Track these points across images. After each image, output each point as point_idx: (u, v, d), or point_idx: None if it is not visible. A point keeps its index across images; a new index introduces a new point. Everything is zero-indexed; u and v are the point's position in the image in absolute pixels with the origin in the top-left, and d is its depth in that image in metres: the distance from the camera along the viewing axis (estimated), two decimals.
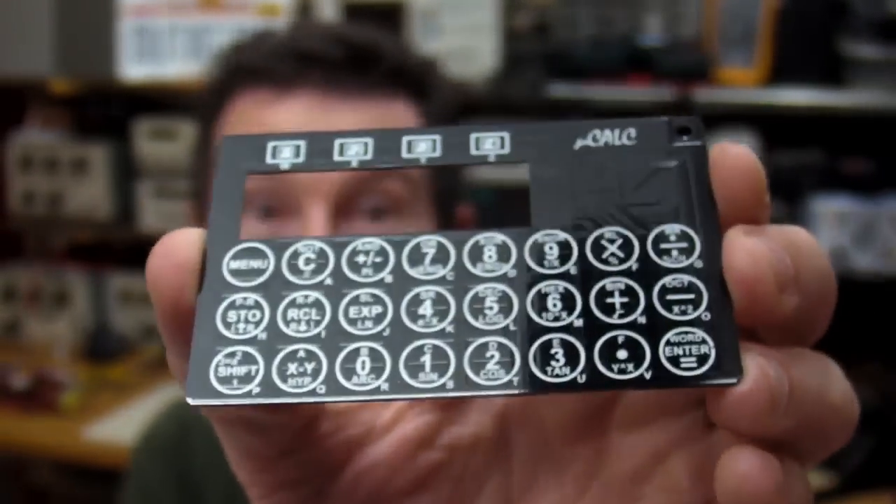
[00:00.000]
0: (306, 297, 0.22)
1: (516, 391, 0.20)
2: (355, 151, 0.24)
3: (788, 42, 1.65)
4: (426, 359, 0.21)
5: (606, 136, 0.23)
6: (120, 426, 1.63)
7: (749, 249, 0.20)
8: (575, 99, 1.65)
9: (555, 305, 0.21)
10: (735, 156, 0.21)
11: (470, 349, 0.21)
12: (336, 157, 0.24)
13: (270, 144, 0.24)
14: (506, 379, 0.21)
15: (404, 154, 0.23)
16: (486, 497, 0.27)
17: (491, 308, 0.21)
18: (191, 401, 0.21)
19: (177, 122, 1.91)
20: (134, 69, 1.94)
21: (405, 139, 0.24)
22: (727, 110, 1.69)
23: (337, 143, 0.24)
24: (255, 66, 0.66)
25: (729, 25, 1.67)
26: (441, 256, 0.22)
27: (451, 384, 0.21)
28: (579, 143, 0.23)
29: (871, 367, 1.74)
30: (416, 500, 0.26)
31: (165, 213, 1.92)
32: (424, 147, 0.23)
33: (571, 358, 0.21)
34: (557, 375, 0.21)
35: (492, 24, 1.71)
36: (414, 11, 1.72)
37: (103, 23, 1.98)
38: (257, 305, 0.22)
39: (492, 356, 0.21)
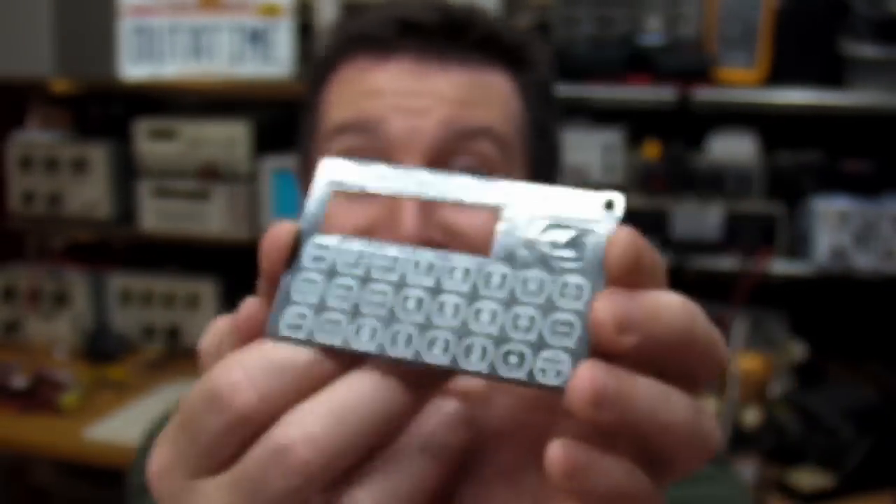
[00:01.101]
0: (349, 283, 0.31)
1: (447, 368, 0.30)
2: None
3: (788, 42, 1.65)
4: (401, 337, 0.30)
5: (555, 202, 0.31)
6: (120, 426, 1.63)
7: (600, 303, 0.28)
8: (575, 98, 1.65)
9: (485, 318, 0.30)
10: (613, 241, 0.29)
11: (428, 335, 0.30)
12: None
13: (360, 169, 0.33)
14: (441, 360, 0.30)
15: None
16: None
17: (448, 312, 0.31)
18: (268, 334, 0.31)
19: (177, 122, 1.91)
20: (134, 69, 1.94)
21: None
22: (727, 110, 1.70)
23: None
24: (357, 34, 0.71)
25: (729, 25, 1.67)
26: (428, 269, 0.31)
27: (409, 356, 0.30)
28: (536, 205, 0.31)
29: (871, 366, 1.74)
30: None
31: (165, 212, 1.92)
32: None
33: (483, 355, 0.30)
34: (472, 364, 0.30)
35: None
36: None
37: (103, 23, 1.98)
38: (315, 282, 0.32)
39: (438, 343, 0.30)
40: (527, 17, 1.77)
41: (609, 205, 0.30)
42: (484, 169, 0.67)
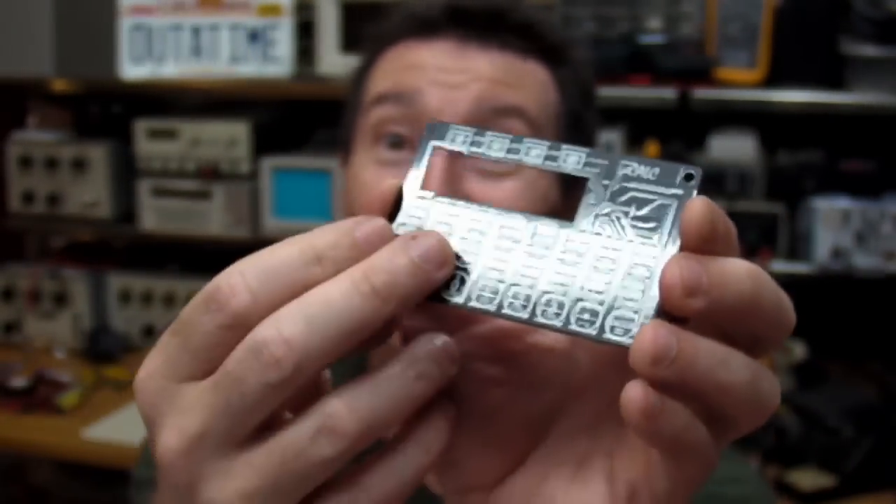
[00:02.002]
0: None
1: (528, 323, 0.32)
2: (498, 146, 0.34)
3: (788, 42, 1.65)
4: (512, 297, 0.32)
5: (640, 170, 0.32)
6: (119, 426, 1.63)
7: (670, 267, 0.29)
8: None
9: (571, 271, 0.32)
10: (689, 208, 0.30)
11: (539, 293, 0.32)
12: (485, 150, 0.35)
13: (451, 131, 0.35)
14: (554, 320, 0.32)
15: (522, 156, 0.34)
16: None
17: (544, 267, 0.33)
18: None
19: (177, 122, 1.91)
20: (134, 69, 1.94)
21: (525, 143, 0.34)
22: (727, 110, 1.69)
23: (488, 137, 0.34)
24: (405, 17, 0.75)
25: (729, 25, 1.67)
26: (517, 230, 0.33)
27: (525, 316, 0.32)
28: (621, 171, 0.32)
29: (871, 366, 1.74)
30: None
31: (165, 212, 1.92)
32: (536, 152, 0.34)
33: (559, 307, 0.31)
34: (549, 318, 0.31)
35: None
36: None
37: (103, 23, 1.98)
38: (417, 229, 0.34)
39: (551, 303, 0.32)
40: None
41: (688, 177, 0.32)
42: None
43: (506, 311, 0.31)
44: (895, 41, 1.59)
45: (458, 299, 0.32)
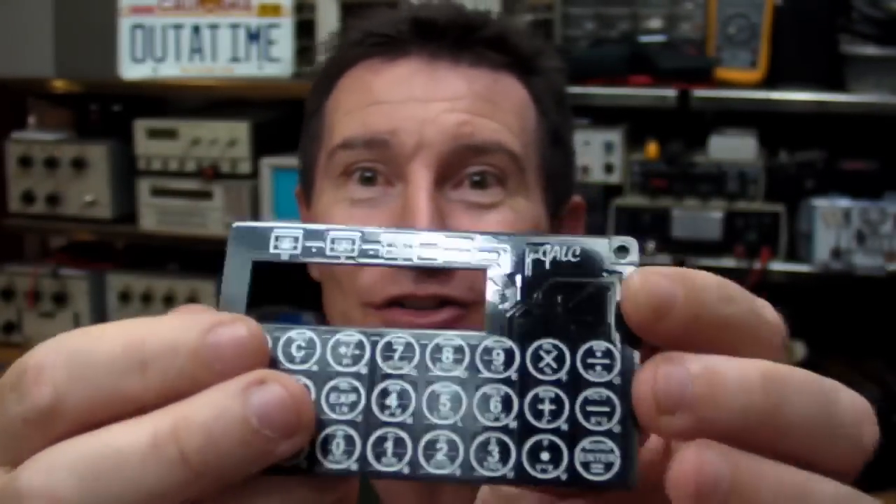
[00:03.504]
0: (298, 380, 0.25)
1: (456, 480, 0.24)
2: (343, 248, 0.27)
3: (788, 42, 1.65)
4: (388, 445, 0.24)
5: (555, 251, 0.26)
6: None
7: (644, 378, 0.24)
8: (575, 97, 1.64)
9: (496, 407, 0.25)
10: (624, 294, 0.24)
11: (424, 440, 0.25)
12: (327, 252, 0.27)
13: (273, 234, 0.27)
14: (449, 469, 0.24)
15: (384, 255, 0.27)
16: None
17: (444, 405, 0.25)
18: None
19: (177, 122, 1.91)
20: (134, 69, 1.94)
21: (384, 237, 0.27)
22: (727, 110, 1.69)
23: (329, 237, 0.27)
24: (366, 34, 0.69)
25: (729, 25, 1.67)
26: (409, 353, 0.25)
27: (406, 470, 0.24)
28: (530, 258, 0.26)
29: (871, 365, 1.73)
30: None
31: (165, 212, 1.92)
32: (389, 246, 0.27)
33: (504, 455, 0.24)
34: (491, 469, 0.24)
35: None
36: None
37: (103, 23, 1.98)
38: None
39: (441, 447, 0.24)
40: (527, 16, 1.77)
41: (621, 250, 0.26)
42: (497, 177, 0.66)
43: (427, 469, 0.24)
44: (895, 41, 1.59)
45: (333, 465, 0.24)
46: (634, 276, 0.24)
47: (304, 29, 1.91)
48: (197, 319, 0.24)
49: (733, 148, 1.68)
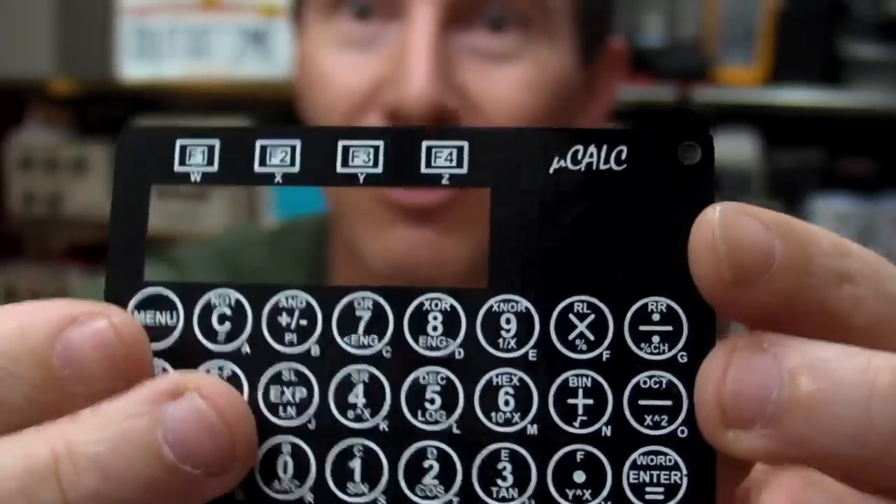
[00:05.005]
0: (221, 368, 0.18)
1: None
2: (280, 160, 0.19)
3: (788, 42, 1.65)
4: (356, 465, 0.17)
5: (590, 155, 0.17)
6: None
7: (710, 371, 0.16)
8: None
9: (507, 403, 0.17)
10: (698, 228, 0.16)
11: (406, 455, 0.17)
12: (257, 168, 0.19)
13: (179, 144, 0.20)
14: (443, 500, 0.17)
15: (339, 168, 0.19)
16: None
17: (432, 401, 0.17)
18: None
19: (177, 122, 1.91)
20: (134, 69, 1.94)
21: (341, 145, 0.19)
22: (727, 110, 1.69)
23: (258, 147, 0.19)
24: None
25: (729, 25, 1.67)
26: (378, 323, 0.18)
27: (382, 500, 0.17)
28: (555, 165, 0.18)
29: None
30: None
31: (165, 212, 1.92)
32: (363, 159, 0.18)
33: (521, 476, 0.17)
34: (503, 499, 0.17)
35: None
36: None
37: (103, 23, 1.98)
38: (164, 373, 0.18)
39: (430, 466, 0.17)
40: None
41: (690, 151, 0.17)
42: (516, 19, 0.52)
43: (411, 500, 0.17)
44: (895, 41, 1.59)
45: (280, 495, 0.17)
46: (712, 213, 0.16)
47: None
48: (48, 310, 0.18)
49: (733, 148, 1.68)
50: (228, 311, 0.18)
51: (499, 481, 0.17)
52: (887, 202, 1.62)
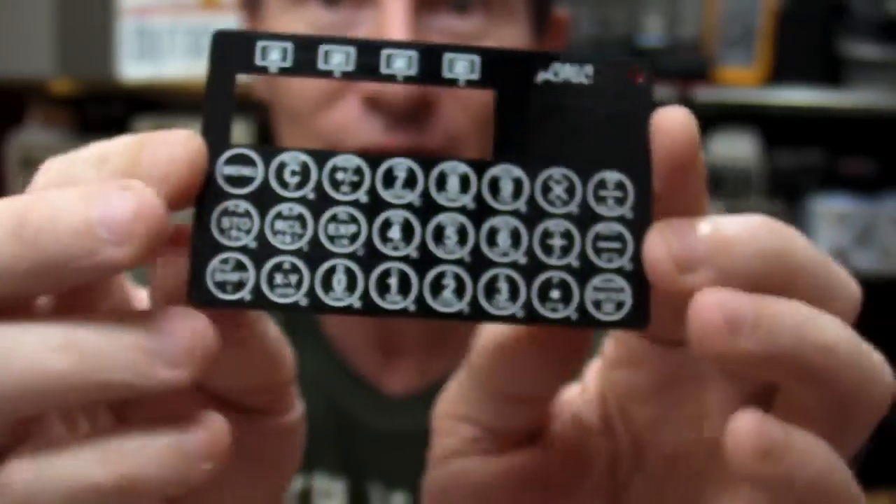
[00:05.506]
0: (291, 209, 0.24)
1: (464, 318, 0.23)
2: (338, 61, 0.24)
3: (788, 42, 1.65)
4: (393, 281, 0.23)
5: (566, 71, 0.24)
6: None
7: (656, 243, 0.23)
8: None
9: (504, 240, 0.23)
10: (671, 119, 0.23)
11: (430, 275, 0.23)
12: (320, 66, 0.24)
13: (259, 45, 0.25)
14: (457, 307, 0.23)
15: (383, 69, 0.24)
16: None
17: (450, 238, 0.23)
18: (191, 300, 0.24)
19: (177, 122, 1.91)
20: (134, 69, 1.94)
21: (384, 53, 0.24)
22: (727, 110, 1.69)
23: (321, 50, 0.24)
24: None
25: (729, 25, 1.67)
26: (411, 181, 0.24)
27: (412, 307, 0.23)
28: (542, 77, 0.24)
29: None
30: None
31: None
32: (401, 63, 0.24)
33: (513, 293, 0.23)
34: (500, 308, 0.23)
35: None
36: None
37: (103, 23, 1.98)
38: (248, 214, 0.24)
39: (447, 284, 0.23)
40: None
41: (633, 74, 0.24)
42: (479, 5, 0.55)
43: (434, 307, 0.23)
44: (895, 41, 1.59)
45: (352, 301, 0.23)
46: (674, 110, 0.23)
47: None
48: (83, 191, 0.23)
49: (732, 148, 1.68)
50: (297, 168, 0.24)
51: (497, 296, 0.23)
52: (887, 202, 1.62)
